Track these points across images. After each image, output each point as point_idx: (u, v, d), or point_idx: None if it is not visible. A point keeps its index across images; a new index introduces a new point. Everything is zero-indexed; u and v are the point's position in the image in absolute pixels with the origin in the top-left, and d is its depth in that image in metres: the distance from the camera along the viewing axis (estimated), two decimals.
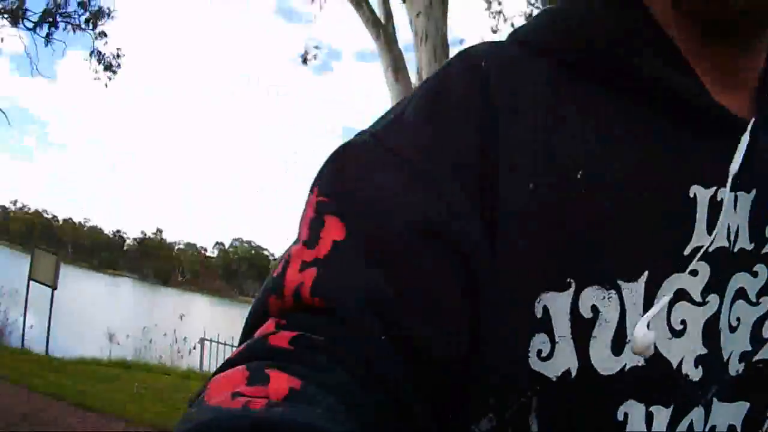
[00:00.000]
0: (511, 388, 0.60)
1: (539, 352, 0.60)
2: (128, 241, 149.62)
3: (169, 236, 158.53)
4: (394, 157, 0.63)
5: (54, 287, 13.97)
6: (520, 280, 0.60)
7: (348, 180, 0.63)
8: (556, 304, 0.60)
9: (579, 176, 0.62)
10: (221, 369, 0.53)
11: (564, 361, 0.60)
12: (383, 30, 8.53)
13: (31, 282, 13.98)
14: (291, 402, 0.45)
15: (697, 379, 0.63)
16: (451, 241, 0.59)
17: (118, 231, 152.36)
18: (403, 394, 0.55)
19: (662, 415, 0.62)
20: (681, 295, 0.62)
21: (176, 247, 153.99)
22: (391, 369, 0.55)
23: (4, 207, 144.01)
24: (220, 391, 0.48)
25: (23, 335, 12.96)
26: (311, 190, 0.65)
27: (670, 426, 0.62)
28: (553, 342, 0.60)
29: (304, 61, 15.62)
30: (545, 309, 0.60)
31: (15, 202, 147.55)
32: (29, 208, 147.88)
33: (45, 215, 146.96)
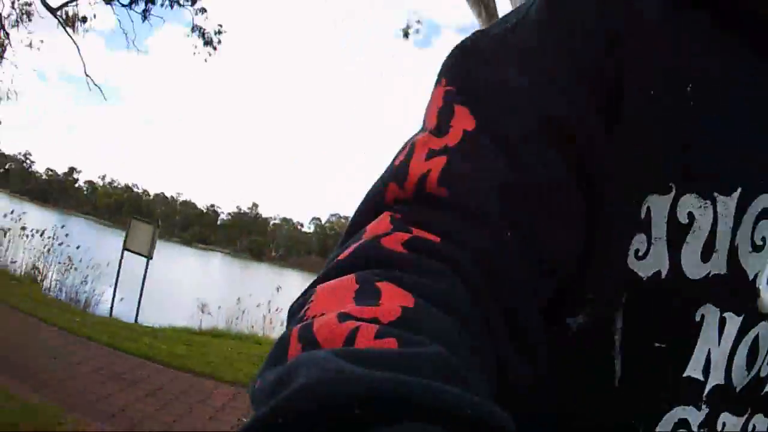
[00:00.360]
0: (609, 283, 0.68)
1: (636, 251, 0.67)
2: (222, 216, 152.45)
3: (264, 211, 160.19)
4: (520, 55, 0.68)
5: (149, 257, 14.51)
6: (631, 181, 0.67)
7: (476, 73, 0.68)
8: (657, 206, 0.67)
9: (689, 89, 0.68)
10: (330, 274, 0.55)
11: (656, 262, 0.67)
12: (485, 8, 8.66)
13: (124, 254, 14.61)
14: (402, 327, 0.44)
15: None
16: (574, 140, 0.64)
17: (212, 205, 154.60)
18: (518, 298, 0.59)
19: (733, 321, 0.70)
20: (766, 214, 0.69)
21: (271, 222, 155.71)
22: (511, 267, 0.59)
23: (91, 182, 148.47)
24: (326, 306, 0.49)
25: (112, 306, 13.40)
26: (437, 82, 0.69)
27: (739, 334, 0.70)
28: (649, 242, 0.67)
29: (405, 34, 16.05)
30: (648, 210, 0.67)
31: (103, 177, 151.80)
32: (118, 183, 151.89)
33: (135, 189, 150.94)
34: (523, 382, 0.60)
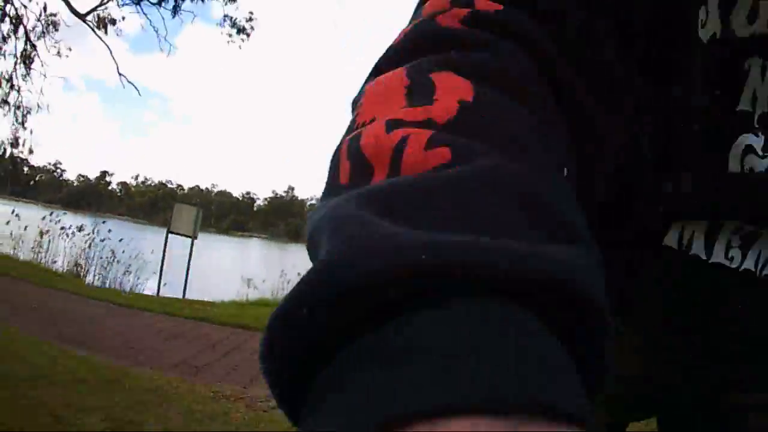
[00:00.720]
0: (693, 53, 0.76)
1: (701, 21, 0.75)
2: (258, 202, 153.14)
3: (300, 193, 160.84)
4: None
5: (195, 237, 14.92)
6: None
7: None
8: None
9: None
10: (381, 65, 0.52)
11: (712, 27, 0.75)
12: None
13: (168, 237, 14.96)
14: (459, 130, 0.41)
15: None
16: None
17: (248, 193, 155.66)
18: (601, 56, 0.59)
19: None
20: None
21: (308, 203, 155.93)
22: (593, 25, 0.59)
23: (124, 183, 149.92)
24: (375, 109, 0.46)
25: (159, 288, 13.61)
26: None
27: None
28: (707, 12, 0.75)
29: None
30: None
31: (136, 177, 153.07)
32: (152, 181, 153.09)
33: (169, 185, 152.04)
34: (617, 141, 0.61)
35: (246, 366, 6.67)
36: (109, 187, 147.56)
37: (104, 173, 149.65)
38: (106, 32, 17.88)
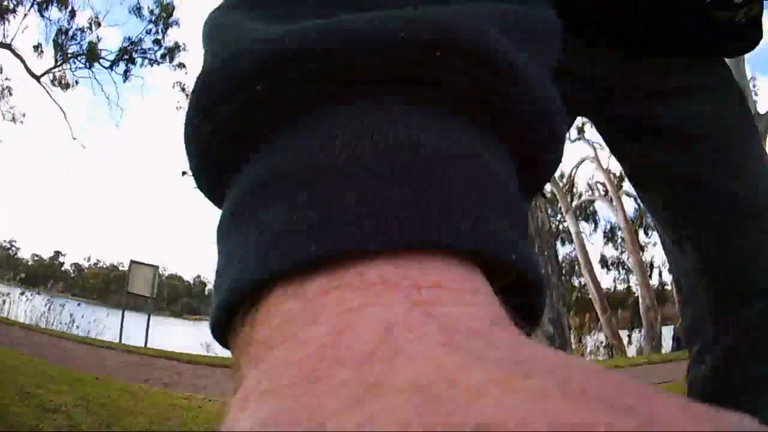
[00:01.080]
0: None
1: None
2: (209, 286, 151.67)
3: None
4: None
5: (153, 297, 15.33)
6: None
7: None
8: None
9: None
10: None
11: None
12: None
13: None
14: None
15: None
16: None
17: (198, 276, 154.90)
18: None
19: None
20: None
21: None
22: None
23: (77, 264, 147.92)
24: None
25: (120, 338, 13.58)
26: None
27: None
28: None
29: None
30: None
31: (88, 258, 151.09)
32: (104, 263, 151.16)
33: (121, 268, 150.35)
34: None
35: (216, 386, 6.61)
36: (63, 268, 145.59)
37: (57, 253, 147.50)
38: (64, 90, 18.01)
